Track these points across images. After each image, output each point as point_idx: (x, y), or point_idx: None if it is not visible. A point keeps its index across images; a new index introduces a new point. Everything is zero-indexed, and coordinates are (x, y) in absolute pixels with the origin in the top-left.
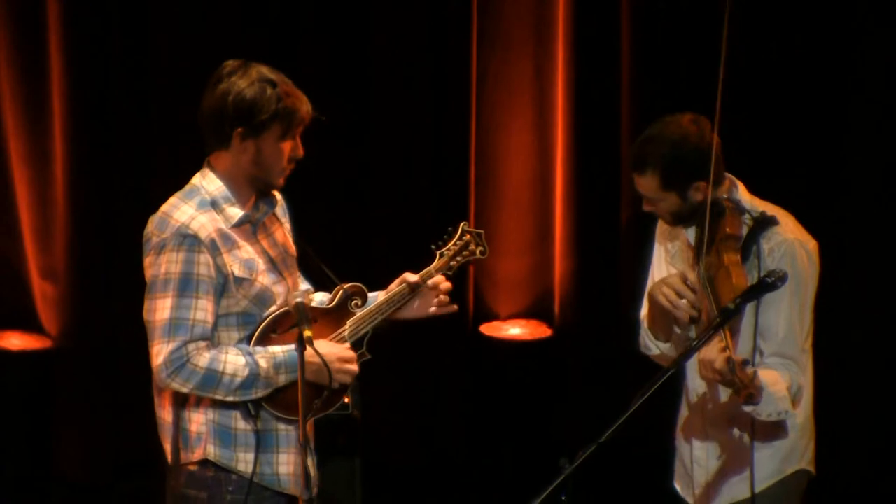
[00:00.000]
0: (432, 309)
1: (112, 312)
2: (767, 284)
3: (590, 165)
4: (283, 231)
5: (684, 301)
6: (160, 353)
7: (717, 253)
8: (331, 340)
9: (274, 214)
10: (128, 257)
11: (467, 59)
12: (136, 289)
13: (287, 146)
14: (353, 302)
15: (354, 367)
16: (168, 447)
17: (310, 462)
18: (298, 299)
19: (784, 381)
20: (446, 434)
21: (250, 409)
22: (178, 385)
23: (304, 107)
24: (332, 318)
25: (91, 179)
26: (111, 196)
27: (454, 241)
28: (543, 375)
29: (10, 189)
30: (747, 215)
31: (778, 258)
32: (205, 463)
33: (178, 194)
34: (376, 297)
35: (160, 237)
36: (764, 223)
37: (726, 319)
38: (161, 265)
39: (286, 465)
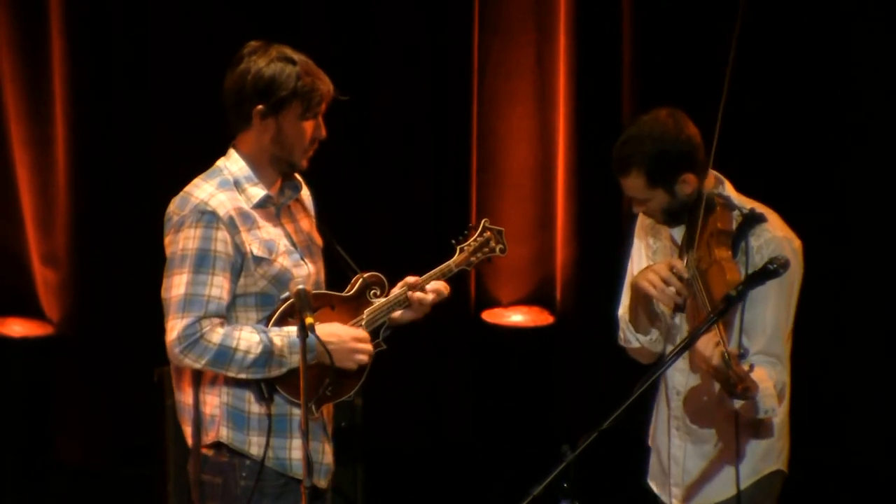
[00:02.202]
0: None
1: (113, 298)
2: (770, 271)
3: (591, 152)
4: (310, 222)
5: (671, 288)
6: (174, 328)
7: (707, 248)
8: None
9: (301, 203)
10: (129, 243)
11: (468, 46)
12: (137, 275)
13: (308, 126)
14: (372, 291)
15: (368, 347)
16: (187, 429)
17: (327, 449)
18: (300, 286)
19: (770, 379)
20: (448, 421)
21: (263, 392)
22: (190, 361)
23: (325, 86)
24: (351, 307)
25: (92, 165)
26: (113, 181)
27: (475, 237)
28: (545, 362)
29: (11, 174)
30: (737, 211)
31: (766, 255)
32: (219, 447)
33: (202, 175)
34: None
35: (180, 215)
36: (753, 220)
37: (728, 307)
38: (179, 242)
39: (299, 450)
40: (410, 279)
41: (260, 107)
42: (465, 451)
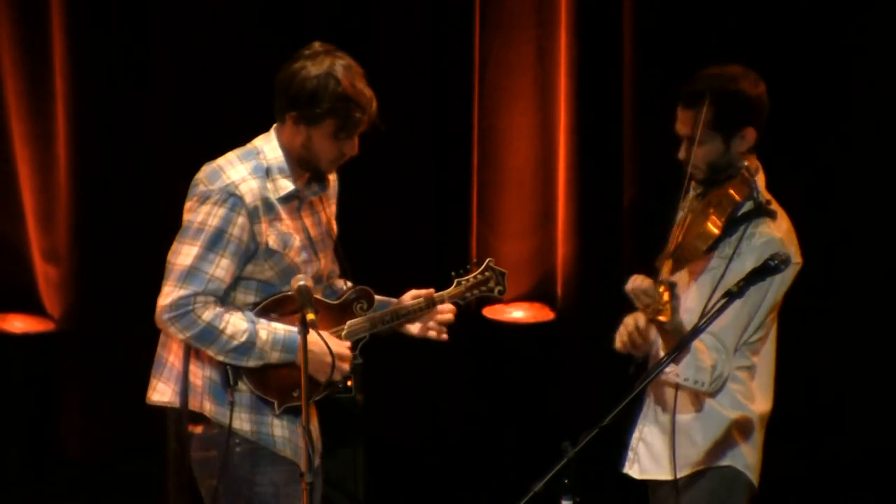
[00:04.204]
0: (430, 333)
1: (114, 295)
2: (771, 267)
3: (592, 148)
4: (330, 213)
5: (633, 346)
6: (169, 294)
7: (707, 204)
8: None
9: (325, 194)
10: (130, 240)
11: (470, 42)
12: (138, 271)
13: (340, 143)
14: (359, 305)
15: (345, 366)
16: (155, 382)
17: (311, 427)
18: (302, 282)
19: (710, 358)
20: (449, 417)
21: (229, 378)
22: (175, 330)
23: (364, 115)
24: (334, 315)
25: (94, 161)
26: (114, 178)
27: (476, 273)
28: (546, 358)
29: (12, 170)
30: (755, 194)
31: (753, 246)
32: (207, 423)
33: (238, 151)
34: (387, 303)
35: (207, 187)
36: (761, 211)
37: (730, 303)
38: (200, 214)
39: (281, 427)
40: (414, 292)
41: (294, 113)
42: (466, 446)
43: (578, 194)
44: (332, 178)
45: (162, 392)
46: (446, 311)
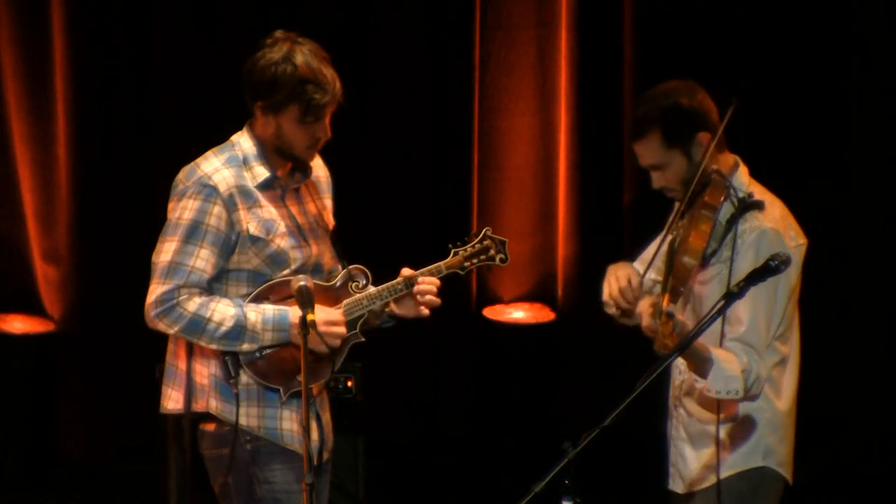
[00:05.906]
0: (422, 310)
1: (114, 295)
2: (771, 268)
3: (592, 148)
4: (320, 205)
5: (615, 306)
6: (153, 292)
7: (689, 220)
8: None
9: (313, 186)
10: (130, 240)
11: (470, 42)
12: (138, 271)
13: (310, 127)
14: (354, 284)
15: (341, 330)
16: (168, 391)
17: (315, 426)
18: (302, 283)
19: (739, 364)
20: (449, 417)
21: (230, 370)
22: (164, 326)
23: (326, 97)
24: (331, 296)
25: (94, 161)
26: (114, 178)
27: (472, 243)
28: (546, 358)
29: (12, 171)
30: (733, 191)
31: (747, 242)
32: (218, 421)
33: (214, 148)
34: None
35: (185, 184)
36: (746, 206)
37: (730, 303)
38: (177, 210)
39: (289, 420)
40: (406, 272)
41: (260, 103)
42: (467, 447)
43: (578, 194)
44: (324, 171)
45: (176, 400)
46: (434, 283)
